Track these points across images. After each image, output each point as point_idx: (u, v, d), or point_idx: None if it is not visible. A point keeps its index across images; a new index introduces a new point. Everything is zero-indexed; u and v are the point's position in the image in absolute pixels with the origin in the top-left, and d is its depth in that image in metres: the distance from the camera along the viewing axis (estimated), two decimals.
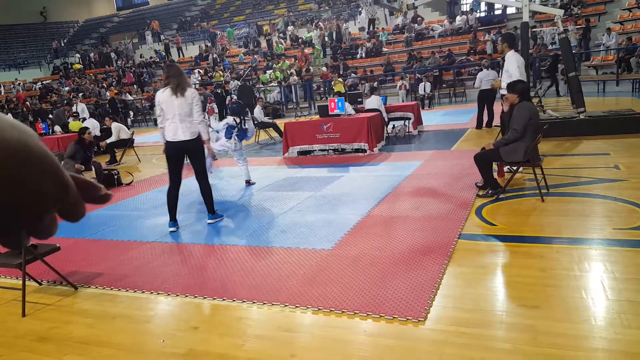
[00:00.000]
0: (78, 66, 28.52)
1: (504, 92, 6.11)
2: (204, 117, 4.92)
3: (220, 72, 22.86)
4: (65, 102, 18.87)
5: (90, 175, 7.79)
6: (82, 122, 12.44)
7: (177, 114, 4.60)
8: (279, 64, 21.35)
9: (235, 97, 20.12)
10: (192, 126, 4.66)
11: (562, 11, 9.48)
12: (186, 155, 4.83)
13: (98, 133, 11.29)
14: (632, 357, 2.25)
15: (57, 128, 13.52)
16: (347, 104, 9.04)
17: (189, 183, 5.74)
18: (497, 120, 8.83)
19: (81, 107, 16.33)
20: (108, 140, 10.71)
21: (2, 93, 25.72)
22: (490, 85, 9.33)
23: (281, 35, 25.02)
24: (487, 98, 9.95)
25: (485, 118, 10.02)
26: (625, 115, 7.86)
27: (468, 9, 22.41)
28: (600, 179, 5.33)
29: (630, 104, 10.86)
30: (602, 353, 2.31)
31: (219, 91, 19.65)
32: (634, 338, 2.40)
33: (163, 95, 4.64)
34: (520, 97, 4.99)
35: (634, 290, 2.87)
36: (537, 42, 17.38)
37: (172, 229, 4.92)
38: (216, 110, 15.98)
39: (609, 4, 18.96)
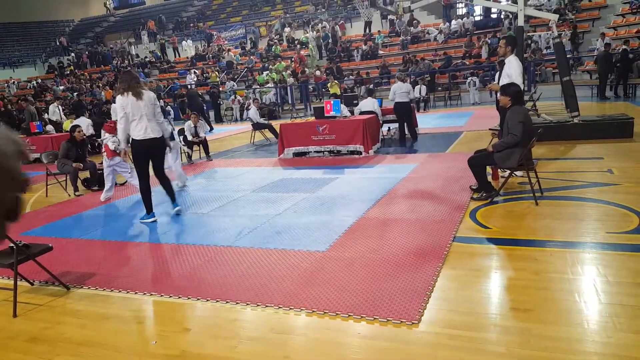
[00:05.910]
0: (71, 68, 28.36)
1: None
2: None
3: (216, 72, 22.82)
4: (21, 99, 18.79)
5: (84, 175, 7.75)
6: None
7: (144, 115, 4.99)
8: (275, 65, 21.34)
9: (234, 97, 20.12)
10: (157, 125, 5.12)
11: (557, 16, 9.52)
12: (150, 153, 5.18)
13: (92, 131, 11.23)
14: None
15: (50, 127, 13.47)
16: (342, 106, 9.05)
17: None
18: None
19: (51, 110, 16.00)
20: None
21: None
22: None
23: (278, 36, 25.01)
24: (403, 110, 9.79)
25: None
26: (619, 120, 7.92)
27: (464, 13, 22.51)
28: (594, 182, 5.37)
29: (624, 108, 10.95)
30: (595, 356, 2.32)
31: (214, 92, 19.65)
32: (626, 342, 2.41)
33: (127, 99, 4.97)
34: (513, 101, 5.01)
35: (626, 294, 2.89)
36: (532, 47, 17.45)
37: (154, 218, 5.39)
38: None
39: (603, 10, 19.10)
